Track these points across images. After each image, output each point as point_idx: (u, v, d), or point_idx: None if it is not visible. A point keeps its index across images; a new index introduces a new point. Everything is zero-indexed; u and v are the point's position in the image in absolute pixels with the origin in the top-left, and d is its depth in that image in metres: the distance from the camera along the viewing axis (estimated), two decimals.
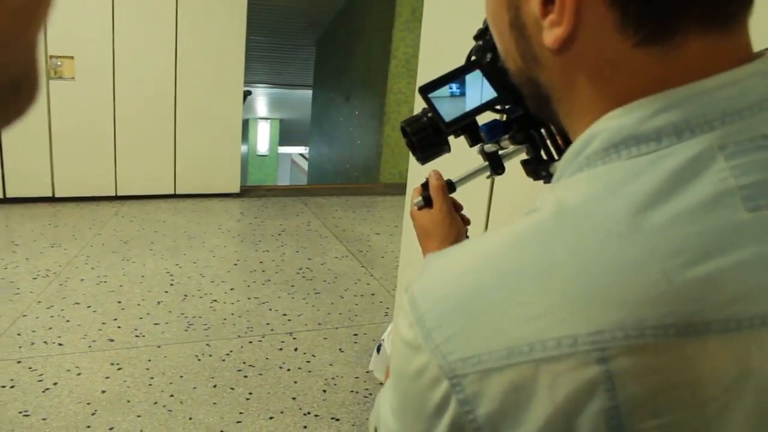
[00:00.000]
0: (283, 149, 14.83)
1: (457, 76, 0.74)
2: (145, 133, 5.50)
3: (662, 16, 0.43)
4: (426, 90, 0.74)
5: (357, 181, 7.55)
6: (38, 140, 5.17)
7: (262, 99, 12.21)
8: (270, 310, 3.63)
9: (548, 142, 0.76)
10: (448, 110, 0.74)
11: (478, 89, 0.72)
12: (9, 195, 5.17)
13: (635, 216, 0.40)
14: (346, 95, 8.05)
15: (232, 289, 3.87)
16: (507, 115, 0.77)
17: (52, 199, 5.33)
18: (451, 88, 0.73)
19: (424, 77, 1.90)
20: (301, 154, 14.54)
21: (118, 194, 5.52)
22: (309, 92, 9.77)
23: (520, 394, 0.39)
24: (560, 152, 0.74)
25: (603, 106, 0.46)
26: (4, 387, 2.70)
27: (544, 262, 0.40)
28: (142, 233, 4.76)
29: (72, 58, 5.11)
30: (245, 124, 6.13)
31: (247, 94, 6.26)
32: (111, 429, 2.49)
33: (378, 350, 2.68)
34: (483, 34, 0.73)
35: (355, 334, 3.40)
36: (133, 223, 4.97)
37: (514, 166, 0.91)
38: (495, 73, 0.72)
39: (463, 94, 0.73)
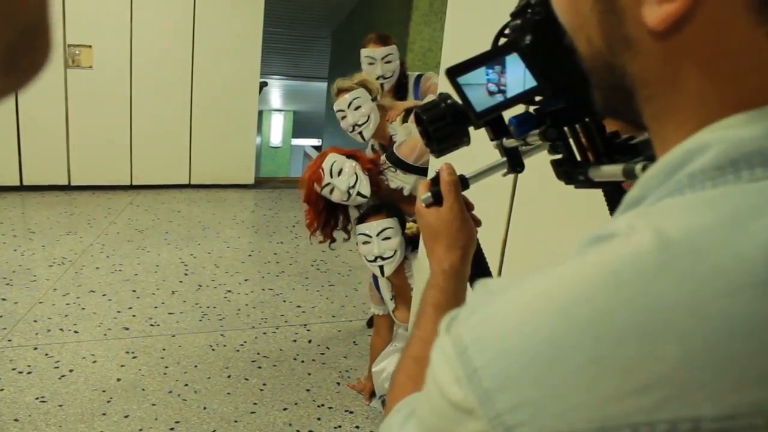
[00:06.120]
0: (296, 141, 14.83)
1: (491, 59, 0.63)
2: (161, 123, 5.51)
3: None
4: (454, 73, 0.64)
5: None
6: (55, 129, 5.19)
7: (276, 91, 12.21)
8: (284, 301, 3.63)
9: (583, 141, 0.66)
10: (480, 98, 0.63)
11: (518, 76, 0.62)
12: (26, 183, 5.20)
13: None
14: None
15: (246, 280, 3.87)
16: (540, 108, 0.67)
17: (68, 188, 5.35)
18: (487, 74, 0.63)
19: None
20: (314, 147, 14.54)
21: (134, 183, 5.54)
22: (324, 84, 9.76)
23: None
24: (597, 154, 0.65)
25: (714, 110, 0.37)
26: (21, 373, 2.72)
27: (652, 315, 0.31)
28: (156, 223, 4.78)
29: (90, 47, 5.12)
30: (259, 115, 6.13)
31: (263, 85, 6.26)
32: (126, 417, 2.50)
33: (383, 403, 2.63)
34: (523, 11, 0.62)
35: (369, 327, 3.40)
36: (148, 213, 4.99)
37: (533, 163, 0.84)
38: (535, 58, 0.61)
39: (498, 80, 0.63)
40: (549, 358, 0.32)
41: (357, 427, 2.58)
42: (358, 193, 2.43)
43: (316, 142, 14.18)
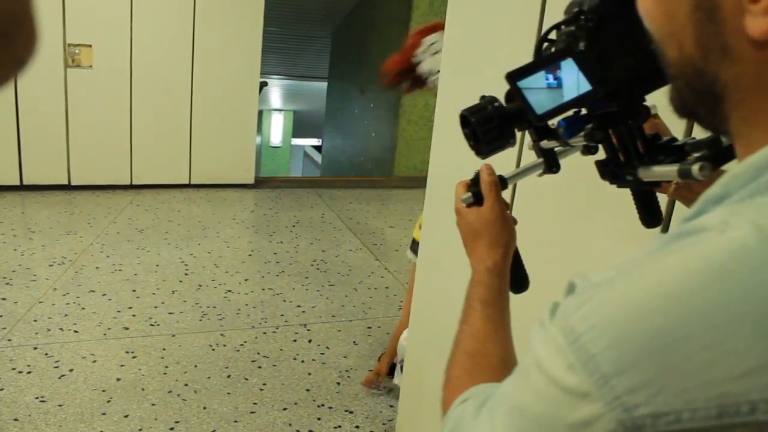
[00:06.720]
0: (297, 141, 14.83)
1: (548, 63, 0.67)
2: (161, 122, 5.51)
3: None
4: (515, 77, 0.67)
5: (371, 174, 7.53)
6: (55, 128, 5.18)
7: (276, 90, 12.21)
8: (284, 301, 3.63)
9: (627, 142, 0.70)
10: (539, 101, 0.67)
11: (574, 80, 0.66)
12: (26, 182, 5.20)
13: None
14: (361, 87, 8.02)
15: (246, 280, 3.87)
16: (590, 111, 0.71)
17: (68, 187, 5.35)
18: (546, 78, 0.66)
19: (448, 69, 1.88)
20: (314, 146, 14.54)
21: (134, 183, 5.53)
22: (324, 84, 9.76)
23: None
24: (639, 155, 0.68)
25: None
26: (21, 373, 2.72)
27: (763, 303, 0.33)
28: (156, 222, 4.78)
29: (90, 46, 5.12)
30: (259, 115, 6.13)
31: (263, 85, 6.25)
32: (126, 416, 2.50)
33: (402, 369, 2.63)
34: (576, 18, 0.66)
35: (369, 327, 3.40)
36: (148, 212, 4.99)
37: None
38: (590, 63, 0.65)
39: (557, 84, 0.66)
40: (667, 344, 0.35)
41: (357, 426, 2.58)
42: (436, 81, 2.45)
43: (316, 141, 14.18)
